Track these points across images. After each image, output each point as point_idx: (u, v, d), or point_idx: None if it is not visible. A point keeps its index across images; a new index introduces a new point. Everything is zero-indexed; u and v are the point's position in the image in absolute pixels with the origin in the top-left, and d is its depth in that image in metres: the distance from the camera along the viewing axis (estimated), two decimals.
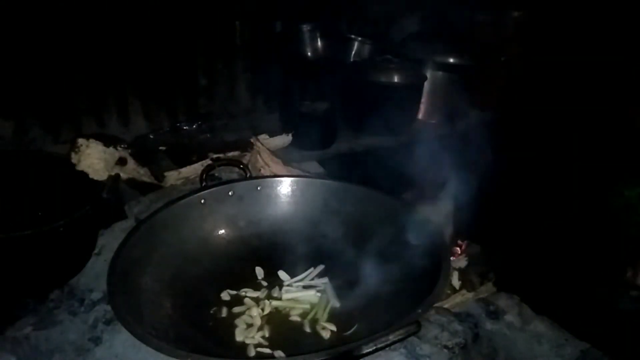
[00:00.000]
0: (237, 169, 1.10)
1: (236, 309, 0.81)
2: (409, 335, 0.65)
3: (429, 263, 0.78)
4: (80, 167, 1.04)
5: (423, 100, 1.84)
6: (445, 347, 0.76)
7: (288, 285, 0.86)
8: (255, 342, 0.75)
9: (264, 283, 0.88)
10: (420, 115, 1.87)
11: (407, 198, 1.07)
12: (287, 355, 0.72)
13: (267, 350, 0.74)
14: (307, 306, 0.82)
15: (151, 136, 1.52)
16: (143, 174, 1.18)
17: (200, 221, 0.94)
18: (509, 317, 0.84)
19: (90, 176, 1.04)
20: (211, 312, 0.81)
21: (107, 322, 0.81)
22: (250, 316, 0.80)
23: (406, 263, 0.83)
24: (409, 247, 0.85)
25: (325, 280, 0.87)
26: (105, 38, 1.44)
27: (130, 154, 1.16)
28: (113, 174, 1.09)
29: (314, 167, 1.37)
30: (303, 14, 1.76)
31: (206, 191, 0.97)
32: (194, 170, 1.21)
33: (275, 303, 0.82)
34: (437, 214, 1.00)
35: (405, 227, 0.88)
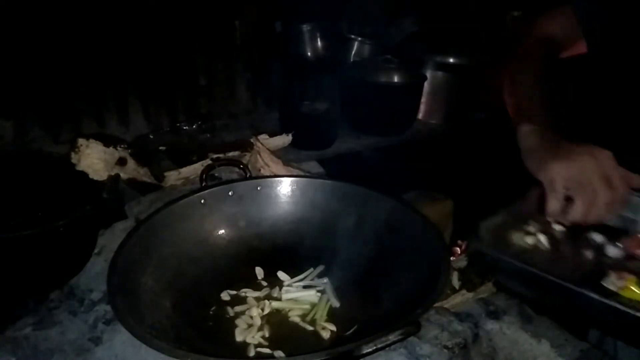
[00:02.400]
0: (237, 169, 1.10)
1: (236, 309, 0.81)
2: (409, 336, 0.65)
3: (429, 263, 0.78)
4: (80, 167, 1.04)
5: (423, 100, 1.84)
6: (445, 347, 0.76)
7: (288, 286, 0.86)
8: (255, 342, 0.75)
9: (264, 283, 0.88)
10: (420, 115, 1.87)
11: (407, 198, 1.07)
12: (287, 355, 0.72)
13: (267, 350, 0.74)
14: (307, 306, 0.82)
15: (151, 136, 1.52)
16: (143, 174, 1.18)
17: (200, 221, 0.94)
18: (509, 317, 0.84)
19: (90, 176, 1.04)
20: (211, 312, 0.81)
21: (107, 322, 0.81)
22: (250, 316, 0.80)
23: (406, 263, 0.83)
24: (409, 247, 0.85)
25: (325, 280, 0.86)
26: (105, 38, 1.44)
27: (130, 154, 1.16)
28: (113, 174, 1.09)
29: (314, 167, 1.37)
30: (303, 14, 1.76)
31: (206, 191, 0.96)
32: (194, 170, 1.21)
33: (275, 303, 0.82)
34: (437, 213, 1.00)
35: (405, 227, 0.88)
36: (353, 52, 1.91)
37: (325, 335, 0.77)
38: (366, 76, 1.69)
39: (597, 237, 0.78)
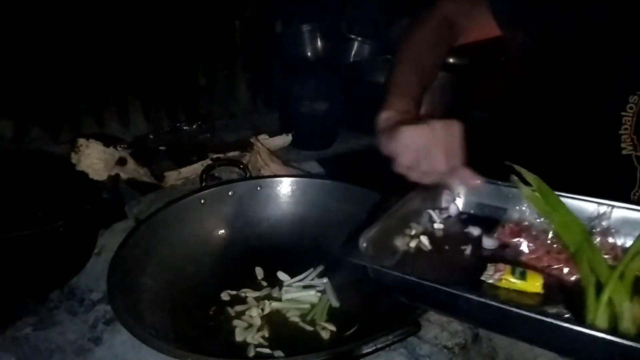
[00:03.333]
0: (237, 169, 1.11)
1: (236, 309, 0.82)
2: (409, 335, 0.65)
3: None
4: (80, 167, 1.04)
5: (423, 100, 1.83)
6: (445, 347, 0.76)
7: (288, 286, 0.86)
8: (256, 342, 0.76)
9: (264, 283, 0.88)
10: None
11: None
12: (287, 355, 0.72)
13: (267, 350, 0.74)
14: (307, 306, 0.82)
15: (151, 136, 1.52)
16: (143, 174, 1.18)
17: (200, 221, 0.94)
18: None
19: (90, 176, 1.04)
20: (211, 312, 0.81)
21: (107, 322, 0.81)
22: (250, 316, 0.80)
23: None
24: None
25: (325, 280, 0.87)
26: (105, 38, 1.44)
27: (130, 154, 1.16)
28: (113, 174, 1.09)
29: (314, 167, 1.37)
30: (303, 14, 1.76)
31: (206, 191, 0.97)
32: (194, 170, 1.21)
33: (275, 303, 0.83)
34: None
35: None
36: (353, 52, 1.91)
37: (325, 335, 0.77)
38: (366, 76, 1.69)
39: (475, 231, 0.80)
